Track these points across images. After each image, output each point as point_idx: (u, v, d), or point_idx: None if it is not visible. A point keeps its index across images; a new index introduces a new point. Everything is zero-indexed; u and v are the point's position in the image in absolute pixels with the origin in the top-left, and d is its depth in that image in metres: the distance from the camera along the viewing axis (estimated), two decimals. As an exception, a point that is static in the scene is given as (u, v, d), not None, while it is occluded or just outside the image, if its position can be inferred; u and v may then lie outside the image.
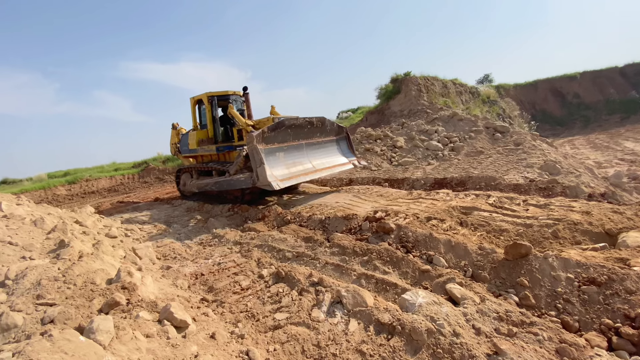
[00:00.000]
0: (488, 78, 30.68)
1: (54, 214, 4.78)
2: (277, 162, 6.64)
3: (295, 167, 6.98)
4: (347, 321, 2.55)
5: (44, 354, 1.14)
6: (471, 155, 9.96)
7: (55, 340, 1.23)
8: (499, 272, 2.99)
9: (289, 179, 6.50)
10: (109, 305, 2.08)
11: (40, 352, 1.14)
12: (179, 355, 1.81)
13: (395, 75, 18.28)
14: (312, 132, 7.65)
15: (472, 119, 12.39)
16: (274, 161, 6.58)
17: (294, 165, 6.98)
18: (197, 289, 3.39)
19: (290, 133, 7.06)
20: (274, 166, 6.50)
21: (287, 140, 7.02)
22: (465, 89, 20.55)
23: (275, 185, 6.09)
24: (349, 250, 3.75)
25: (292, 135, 7.11)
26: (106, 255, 3.09)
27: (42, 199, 13.16)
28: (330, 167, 7.67)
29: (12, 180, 18.82)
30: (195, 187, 9.02)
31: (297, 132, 7.22)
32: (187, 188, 9.55)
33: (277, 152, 6.76)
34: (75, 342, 1.28)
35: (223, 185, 7.71)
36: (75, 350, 1.23)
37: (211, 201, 8.30)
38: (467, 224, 4.15)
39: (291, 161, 7.00)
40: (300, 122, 7.20)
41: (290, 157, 7.01)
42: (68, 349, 1.21)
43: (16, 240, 3.40)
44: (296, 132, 7.21)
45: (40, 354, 1.13)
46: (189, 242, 5.25)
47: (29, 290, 2.30)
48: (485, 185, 6.95)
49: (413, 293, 2.65)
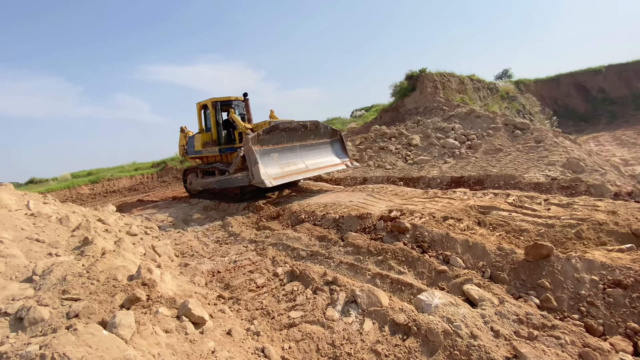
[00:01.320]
0: (507, 73, 29.82)
1: (78, 212, 4.98)
2: (271, 162, 7.22)
3: (289, 166, 7.56)
4: (361, 321, 2.54)
5: (70, 347, 1.19)
6: (489, 153, 9.71)
7: (80, 334, 1.28)
8: (518, 274, 2.91)
9: (282, 177, 7.08)
10: (130, 301, 2.15)
11: (65, 345, 1.19)
12: (197, 350, 1.85)
13: (410, 72, 18.01)
14: (306, 135, 8.26)
15: (491, 115, 12.07)
16: (268, 161, 7.16)
17: (288, 165, 7.56)
18: (214, 286, 3.46)
19: (284, 136, 7.67)
20: (268, 166, 7.08)
21: (281, 142, 7.62)
22: (483, 85, 20.03)
23: (268, 183, 6.66)
24: (363, 250, 3.73)
25: (286, 137, 7.72)
26: (127, 253, 3.19)
27: (67, 198, 13.71)
28: (322, 167, 8.26)
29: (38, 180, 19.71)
30: (199, 186, 9.65)
31: (291, 134, 7.82)
32: (193, 186, 10.21)
33: (271, 153, 7.36)
34: (99, 336, 1.33)
35: (224, 184, 8.33)
36: (98, 344, 1.28)
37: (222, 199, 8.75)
38: (486, 223, 4.05)
39: (285, 161, 7.58)
40: (294, 126, 7.81)
41: (284, 158, 7.60)
42: (92, 343, 1.26)
43: (43, 237, 3.55)
44: (290, 135, 7.81)
45: (66, 348, 1.18)
46: (206, 240, 5.35)
47: (55, 286, 2.40)
48: (505, 184, 6.76)
49: (429, 294, 2.62)
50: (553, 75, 29.02)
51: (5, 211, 3.92)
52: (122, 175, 16.68)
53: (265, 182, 6.65)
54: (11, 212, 3.92)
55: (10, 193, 4.49)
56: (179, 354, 1.73)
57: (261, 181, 6.65)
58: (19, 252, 3.18)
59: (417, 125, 13.09)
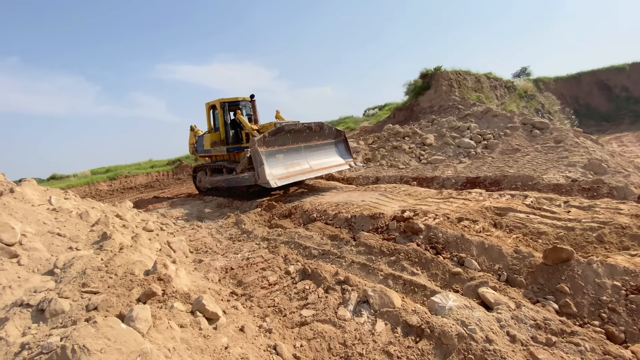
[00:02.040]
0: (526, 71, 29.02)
1: (97, 208, 5.12)
2: (276, 163, 7.53)
3: (294, 167, 7.86)
4: (373, 321, 2.52)
5: (89, 339, 1.23)
6: (506, 153, 9.48)
7: (99, 327, 1.32)
8: (536, 277, 2.83)
9: (286, 177, 7.40)
10: (146, 295, 2.20)
11: (85, 337, 1.22)
12: (211, 345, 1.88)
13: (424, 71, 17.75)
14: (310, 136, 8.52)
15: (508, 114, 11.77)
16: (273, 162, 7.47)
17: (292, 166, 7.85)
18: (227, 283, 3.50)
19: (289, 137, 7.95)
20: (273, 166, 7.39)
21: (286, 144, 7.92)
22: (500, 83, 19.55)
23: (273, 184, 6.97)
24: (375, 250, 3.71)
25: (291, 139, 8.00)
26: (144, 248, 3.26)
27: (86, 194, 14.14)
28: (326, 168, 8.53)
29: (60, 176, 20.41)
30: (208, 183, 10.13)
31: (296, 136, 8.10)
32: (202, 184, 10.65)
33: (277, 154, 7.66)
34: (117, 329, 1.36)
35: (231, 182, 8.78)
36: (117, 337, 1.31)
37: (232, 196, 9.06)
38: (502, 225, 3.96)
39: (290, 162, 7.87)
40: (299, 127, 8.12)
41: (289, 159, 7.89)
42: (111, 335, 1.29)
43: (64, 232, 3.68)
44: (295, 136, 8.09)
45: (86, 340, 1.21)
46: (220, 236, 5.42)
47: (75, 279, 2.48)
48: (522, 185, 6.59)
49: (443, 296, 2.58)
50: (574, 73, 28.07)
51: (29, 206, 4.07)
52: (139, 172, 17.10)
53: (270, 183, 6.94)
54: (34, 207, 4.06)
55: (33, 188, 4.66)
56: (193, 348, 1.76)
57: (266, 181, 6.94)
58: (41, 246, 3.30)
59: (432, 124, 12.91)
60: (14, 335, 1.90)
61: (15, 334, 1.91)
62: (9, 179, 5.06)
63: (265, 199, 7.93)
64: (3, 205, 3.69)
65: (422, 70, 17.87)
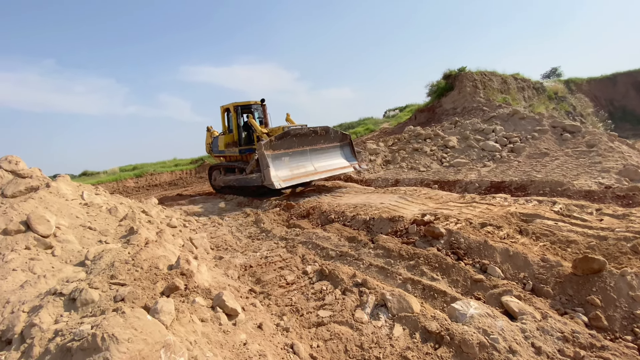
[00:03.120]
0: (556, 72, 27.80)
1: (125, 203, 5.35)
2: (282, 165, 7.96)
3: (299, 169, 8.26)
4: (391, 325, 2.49)
5: (118, 328, 1.29)
6: (534, 157, 9.11)
7: (127, 317, 1.39)
8: (565, 288, 2.70)
9: (291, 179, 7.85)
10: (169, 289, 2.27)
11: (114, 327, 1.29)
12: (230, 341, 1.92)
13: (448, 71, 17.38)
14: (316, 140, 8.89)
15: (536, 117, 11.32)
16: (279, 164, 7.90)
17: (297, 168, 8.26)
18: (246, 280, 3.57)
19: (295, 141, 8.35)
20: (279, 169, 7.83)
21: (292, 147, 8.33)
22: (528, 84, 18.83)
23: (277, 185, 7.43)
24: (394, 253, 3.66)
25: (297, 142, 8.39)
26: (167, 243, 3.38)
27: (115, 190, 14.79)
28: (331, 170, 8.87)
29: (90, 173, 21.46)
30: (222, 182, 10.76)
31: (302, 139, 8.49)
32: (217, 182, 11.30)
33: (283, 157, 8.08)
34: (143, 320, 1.42)
35: (241, 182, 9.37)
36: (143, 328, 1.37)
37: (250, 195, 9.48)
38: (528, 232, 3.81)
39: (295, 164, 8.28)
40: (305, 131, 8.51)
41: (294, 161, 8.30)
42: (137, 326, 1.35)
43: (95, 225, 3.87)
44: (301, 140, 8.48)
45: (115, 329, 1.28)
46: (239, 235, 5.53)
47: (104, 271, 2.60)
48: (551, 190, 6.31)
49: (464, 303, 2.51)
50: (609, 74, 26.60)
51: (63, 200, 4.30)
52: (164, 170, 17.71)
53: (274, 184, 7.41)
54: (67, 202, 4.29)
55: (67, 184, 4.92)
56: (213, 343, 1.81)
57: (271, 183, 7.41)
58: (73, 238, 3.48)
59: (455, 126, 12.61)
60: (47, 322, 2.02)
61: (48, 320, 2.03)
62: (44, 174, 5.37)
63: (274, 197, 8.30)
64: (40, 199, 3.93)
65: (446, 71, 17.51)
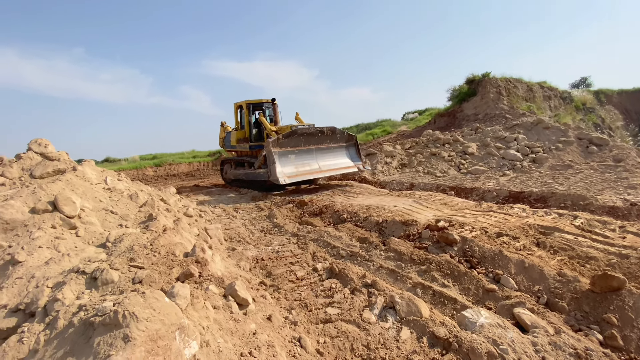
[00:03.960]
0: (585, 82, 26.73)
1: (145, 191, 5.53)
2: (288, 162, 8.41)
3: (304, 167, 8.70)
4: (399, 328, 2.50)
5: (138, 307, 1.36)
6: (556, 169, 8.84)
7: (147, 297, 1.46)
8: (580, 304, 2.63)
9: (295, 176, 8.33)
10: (184, 275, 2.35)
11: (135, 305, 1.36)
12: (240, 329, 1.98)
13: (471, 76, 17.01)
14: (322, 139, 9.30)
15: (562, 127, 10.95)
16: (285, 161, 8.36)
17: (303, 166, 8.70)
18: (257, 272, 3.63)
19: (302, 139, 8.77)
20: (285, 165, 8.29)
21: (299, 145, 8.75)
22: (555, 93, 18.21)
23: (282, 181, 7.88)
24: (405, 257, 3.65)
25: (303, 141, 8.83)
26: (184, 232, 3.49)
27: (135, 177, 15.25)
28: (335, 169, 9.33)
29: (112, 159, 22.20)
30: (232, 175, 11.38)
31: (308, 139, 8.91)
32: (227, 175, 11.95)
33: (289, 154, 8.54)
34: (162, 302, 1.49)
35: (249, 176, 9.94)
36: (161, 309, 1.44)
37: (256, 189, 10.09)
38: (546, 245, 3.71)
39: (301, 162, 8.71)
40: (311, 131, 8.92)
41: (300, 159, 8.73)
42: (156, 307, 1.42)
43: (116, 210, 4.02)
44: (307, 139, 8.90)
45: (135, 307, 1.35)
46: (252, 228, 5.62)
47: (124, 253, 2.71)
48: (572, 204, 6.11)
49: (474, 311, 2.49)
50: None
51: (88, 184, 4.49)
52: (182, 161, 18.14)
53: (279, 180, 7.85)
54: (92, 185, 4.48)
55: (92, 168, 5.13)
56: (224, 330, 1.87)
57: (276, 178, 7.87)
58: (96, 221, 3.64)
59: (475, 132, 12.35)
60: (69, 298, 2.13)
61: (70, 296, 2.14)
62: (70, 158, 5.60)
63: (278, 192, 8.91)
64: (67, 181, 4.11)
65: (469, 76, 17.14)
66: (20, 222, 3.18)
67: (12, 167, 4.45)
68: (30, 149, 4.86)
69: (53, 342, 1.56)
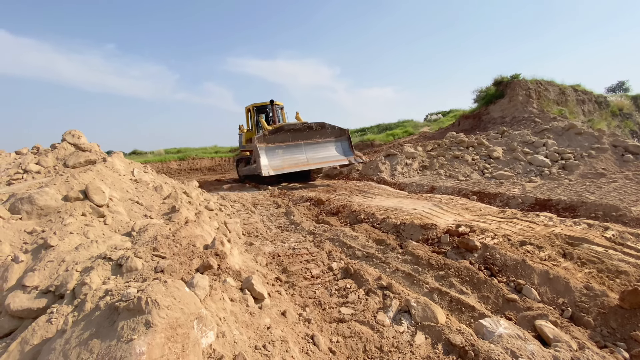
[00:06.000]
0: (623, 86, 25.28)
1: (169, 183, 5.73)
2: (275, 156, 9.09)
3: (292, 160, 9.31)
4: (413, 332, 2.46)
5: (160, 295, 1.42)
6: (588, 177, 8.41)
7: (169, 286, 1.52)
8: (607, 320, 2.50)
9: (282, 169, 8.97)
10: (204, 267, 2.43)
11: (157, 293, 1.42)
12: (255, 323, 2.02)
13: (499, 77, 16.45)
14: (311, 134, 9.87)
15: (595, 133, 10.41)
16: (273, 156, 9.04)
17: (290, 160, 9.30)
18: (273, 268, 3.69)
19: (289, 135, 9.40)
20: (272, 159, 8.95)
21: (286, 141, 9.37)
22: (590, 97, 17.31)
23: (266, 173, 8.57)
24: (423, 261, 3.59)
25: (291, 136, 9.44)
26: (205, 225, 3.59)
27: (159, 170, 15.80)
28: (324, 162, 9.89)
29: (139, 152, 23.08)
30: (242, 172, 12.54)
31: (296, 134, 9.54)
32: (240, 172, 13.18)
33: (277, 149, 9.18)
34: (182, 292, 1.55)
35: (251, 171, 10.63)
36: (181, 298, 1.49)
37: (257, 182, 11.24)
38: (573, 257, 3.55)
39: (289, 156, 9.33)
40: (299, 127, 9.56)
41: (288, 153, 9.36)
42: (176, 296, 1.48)
43: (142, 201, 4.19)
44: (295, 134, 9.52)
45: (157, 295, 1.40)
46: (270, 224, 5.70)
47: (147, 243, 2.83)
48: (604, 214, 5.80)
49: (493, 320, 2.42)
50: (688, 92, 23.64)
51: (116, 175, 4.70)
52: (205, 155, 18.63)
53: (263, 172, 8.51)
54: (120, 176, 4.68)
55: (121, 160, 5.36)
56: (240, 322, 1.91)
57: (260, 171, 8.55)
58: (122, 210, 3.80)
59: (502, 136, 11.95)
60: (96, 282, 2.24)
61: (97, 281, 2.26)
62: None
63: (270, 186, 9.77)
64: (97, 171, 4.32)
65: (497, 77, 16.60)
66: (54, 208, 3.37)
67: (47, 156, 4.72)
68: (65, 140, 5.14)
69: (80, 323, 1.65)
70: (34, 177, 4.22)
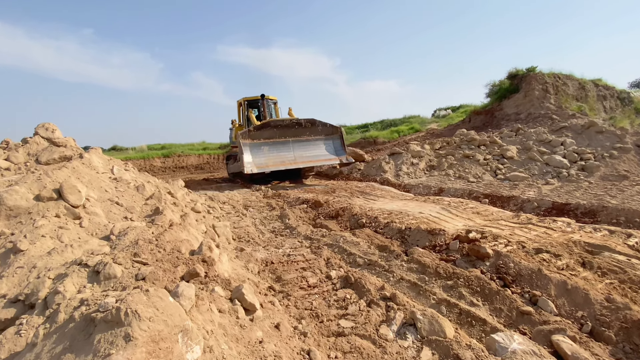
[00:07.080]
0: (649, 81, 25.42)
1: (152, 182, 5.71)
2: (260, 153, 9.21)
3: (279, 158, 9.42)
4: (419, 348, 2.46)
5: (141, 305, 1.40)
6: (609, 179, 8.46)
7: (151, 296, 1.50)
8: (630, 335, 2.51)
9: (266, 166, 9.16)
10: (190, 274, 2.41)
11: (138, 303, 1.41)
12: (246, 336, 2.01)
13: (514, 70, 16.52)
14: (300, 131, 9.96)
15: (618, 132, 10.48)
16: (257, 153, 9.17)
17: (276, 157, 9.40)
18: (266, 276, 3.68)
19: (276, 131, 9.51)
20: (256, 156, 9.08)
21: (273, 137, 9.46)
22: (612, 93, 17.42)
23: (249, 170, 8.75)
24: (430, 270, 3.60)
25: (278, 133, 9.55)
26: (191, 228, 3.58)
27: (142, 168, 15.75)
28: (313, 161, 10.00)
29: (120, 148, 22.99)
30: (231, 169, 12.68)
31: (283, 131, 9.63)
32: (229, 169, 13.34)
33: (262, 146, 9.29)
34: (166, 302, 1.54)
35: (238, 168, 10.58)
36: (164, 309, 1.48)
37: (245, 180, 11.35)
38: (593, 266, 3.57)
39: (275, 154, 9.41)
40: (286, 123, 9.69)
41: (274, 151, 9.43)
42: (159, 306, 1.46)
43: (122, 201, 4.17)
44: (283, 131, 9.62)
45: (138, 305, 1.39)
46: (263, 228, 5.69)
47: (128, 247, 2.81)
48: (626, 220, 5.84)
49: (506, 335, 2.42)
50: None
51: (94, 173, 4.67)
52: (192, 152, 18.59)
53: (246, 169, 8.68)
54: (98, 175, 4.66)
55: (99, 157, 5.34)
56: (229, 336, 1.90)
57: (243, 168, 8.73)
58: (101, 212, 3.78)
59: (516, 134, 12.01)
60: (71, 291, 2.22)
61: (72, 290, 2.24)
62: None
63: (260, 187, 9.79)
64: (73, 169, 4.29)
65: (511, 70, 16.66)
66: (24, 209, 3.35)
67: (17, 151, 4.69)
68: (37, 134, 5.11)
69: (52, 336, 1.64)
70: (3, 175, 4.18)
